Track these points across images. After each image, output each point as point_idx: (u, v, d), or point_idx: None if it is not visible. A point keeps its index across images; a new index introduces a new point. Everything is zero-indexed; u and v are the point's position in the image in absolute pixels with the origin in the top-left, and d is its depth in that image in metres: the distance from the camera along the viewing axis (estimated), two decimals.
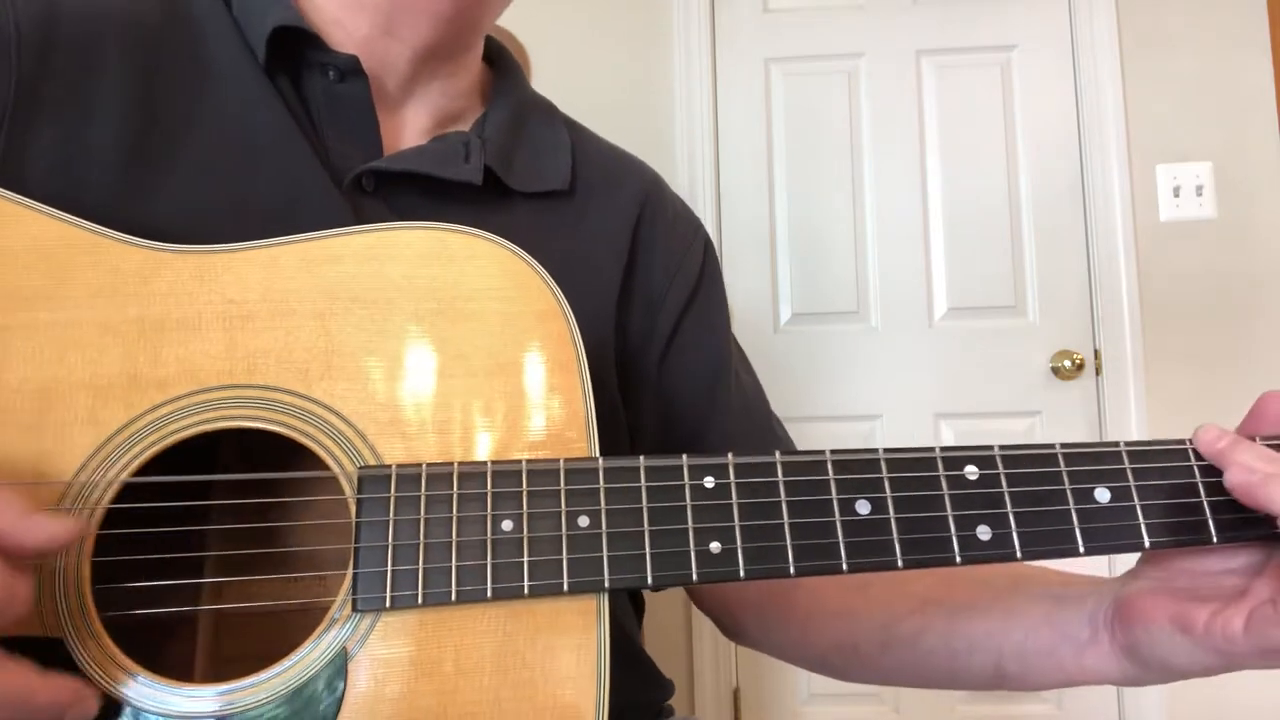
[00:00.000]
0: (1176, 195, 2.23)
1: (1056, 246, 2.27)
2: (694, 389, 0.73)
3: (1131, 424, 2.17)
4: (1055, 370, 2.23)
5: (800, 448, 0.75)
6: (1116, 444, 0.50)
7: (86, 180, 0.56)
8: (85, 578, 0.46)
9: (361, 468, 0.48)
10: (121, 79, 0.58)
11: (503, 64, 0.75)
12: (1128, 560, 0.53)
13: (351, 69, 0.62)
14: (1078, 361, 2.21)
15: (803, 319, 2.32)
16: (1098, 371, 2.23)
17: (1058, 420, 2.23)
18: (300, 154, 0.61)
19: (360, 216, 0.60)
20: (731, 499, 0.48)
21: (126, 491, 0.47)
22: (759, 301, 2.30)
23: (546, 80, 0.73)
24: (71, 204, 0.51)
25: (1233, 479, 0.47)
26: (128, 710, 0.44)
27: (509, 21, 2.26)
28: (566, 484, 0.48)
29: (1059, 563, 0.50)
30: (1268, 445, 0.49)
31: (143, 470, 0.47)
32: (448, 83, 0.69)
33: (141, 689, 0.45)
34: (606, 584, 0.47)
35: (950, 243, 2.30)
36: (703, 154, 2.33)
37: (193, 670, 0.54)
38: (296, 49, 0.62)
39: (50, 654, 0.44)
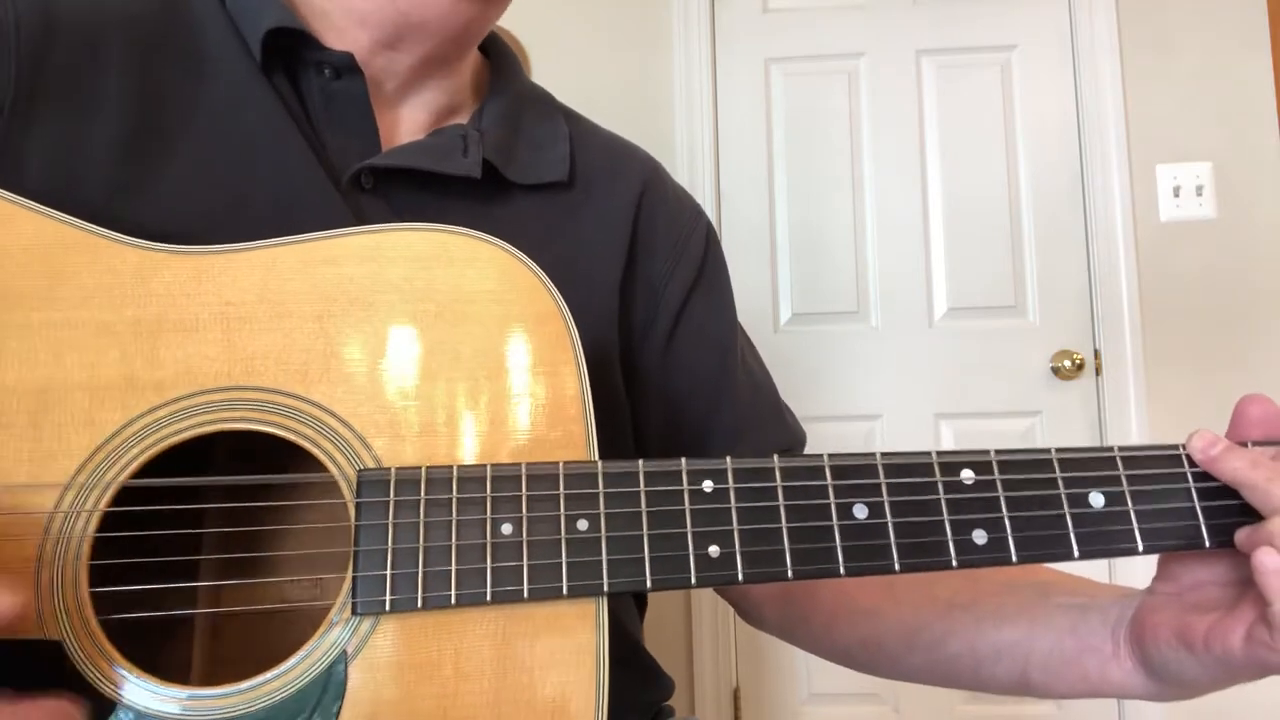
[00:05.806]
0: (1176, 195, 2.23)
1: (1056, 246, 2.27)
2: (701, 373, 0.73)
3: (1131, 424, 2.17)
4: (1055, 370, 2.23)
5: None
6: (1111, 449, 0.50)
7: (84, 177, 0.56)
8: (83, 580, 0.46)
9: (361, 471, 0.47)
10: (119, 76, 0.58)
11: (498, 55, 0.75)
12: (1125, 566, 0.53)
13: (347, 67, 0.62)
14: (1078, 362, 2.21)
15: (803, 319, 2.31)
16: (1098, 372, 2.22)
17: (1058, 421, 2.22)
18: (297, 152, 0.61)
19: (359, 214, 0.60)
20: (730, 503, 0.48)
21: (124, 494, 0.47)
22: (759, 301, 2.30)
23: (547, 81, 0.73)
24: (69, 201, 0.51)
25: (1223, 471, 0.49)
26: (126, 713, 0.44)
27: (509, 21, 2.25)
28: (566, 488, 0.48)
29: (1069, 567, 0.50)
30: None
31: (140, 473, 0.47)
32: (445, 81, 0.68)
33: (139, 691, 0.45)
34: (605, 588, 0.47)
35: (950, 243, 2.29)
36: (703, 154, 2.32)
37: (191, 673, 0.54)
38: (292, 47, 0.62)
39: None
